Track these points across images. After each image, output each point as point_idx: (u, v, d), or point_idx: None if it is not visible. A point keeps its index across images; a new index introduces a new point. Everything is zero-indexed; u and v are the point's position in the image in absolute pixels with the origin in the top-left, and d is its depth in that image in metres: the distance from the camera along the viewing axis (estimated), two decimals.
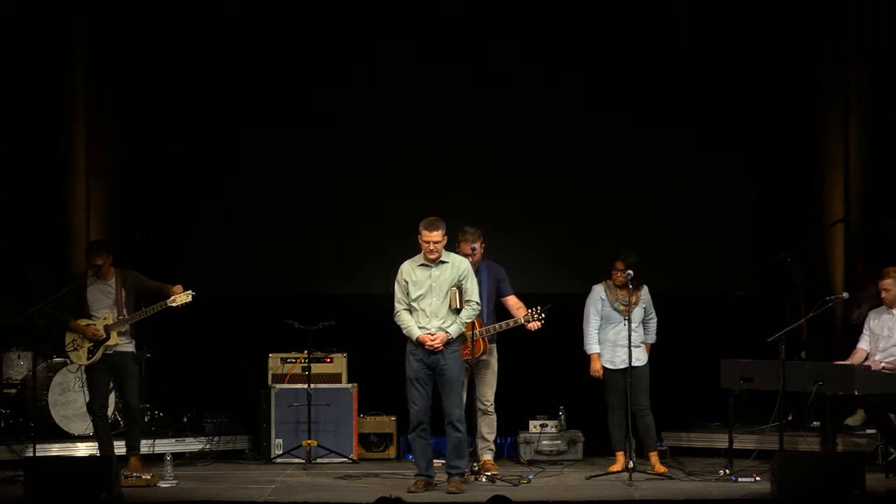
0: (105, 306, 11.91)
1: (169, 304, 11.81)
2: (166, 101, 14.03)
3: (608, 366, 12.08)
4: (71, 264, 13.78)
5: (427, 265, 11.33)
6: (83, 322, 11.89)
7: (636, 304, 12.04)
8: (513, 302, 12.18)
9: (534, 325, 11.99)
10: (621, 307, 12.02)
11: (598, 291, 12.14)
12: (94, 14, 14.00)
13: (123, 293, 11.91)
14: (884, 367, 11.64)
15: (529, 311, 11.98)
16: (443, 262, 11.33)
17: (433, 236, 11.24)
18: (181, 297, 11.79)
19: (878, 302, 12.12)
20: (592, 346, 12.11)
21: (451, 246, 11.71)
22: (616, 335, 12.05)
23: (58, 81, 13.97)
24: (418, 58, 13.93)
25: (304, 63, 13.97)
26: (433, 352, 11.22)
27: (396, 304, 11.38)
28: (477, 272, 11.81)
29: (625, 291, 12.02)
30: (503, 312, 12.19)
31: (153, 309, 11.87)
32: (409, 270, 11.37)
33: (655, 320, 12.23)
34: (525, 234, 13.79)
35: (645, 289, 12.16)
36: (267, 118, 13.98)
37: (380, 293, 12.17)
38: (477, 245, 11.97)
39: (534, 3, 13.98)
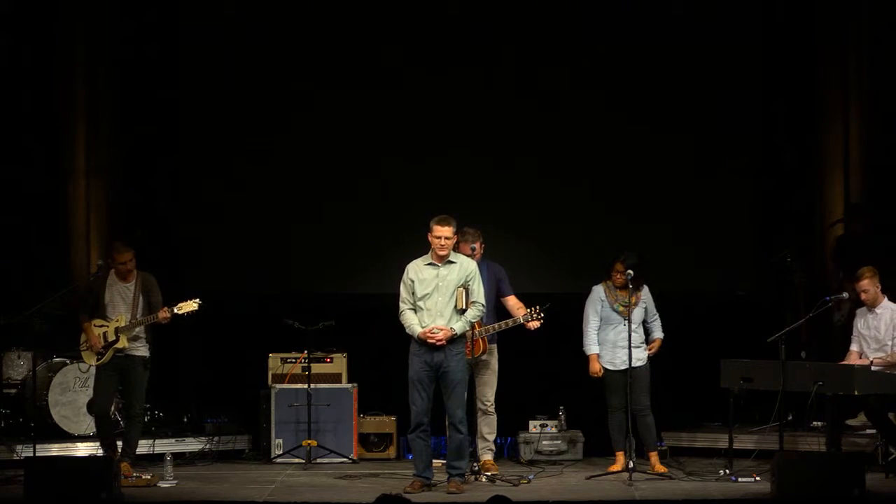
0: (121, 308, 11.93)
1: (175, 312, 11.83)
2: (167, 101, 14.03)
3: (608, 366, 12.08)
4: (71, 264, 13.80)
5: (434, 264, 11.30)
6: (97, 322, 11.91)
7: (636, 304, 12.03)
8: (513, 302, 12.18)
9: (533, 325, 11.98)
10: (620, 308, 12.01)
11: (598, 292, 12.13)
12: (94, 14, 14.00)
13: (140, 298, 11.93)
14: (873, 363, 11.66)
15: (529, 310, 11.98)
16: (450, 262, 11.31)
17: (444, 231, 11.21)
18: (187, 306, 11.81)
19: (859, 303, 12.11)
20: (591, 347, 12.11)
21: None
22: (616, 336, 12.04)
23: (58, 81, 13.97)
24: (418, 58, 13.93)
25: (304, 63, 13.97)
26: (437, 349, 11.20)
27: (401, 304, 11.35)
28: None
29: (624, 292, 12.00)
30: (503, 312, 12.19)
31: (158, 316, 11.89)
32: (416, 269, 11.34)
33: (659, 318, 12.21)
34: (525, 234, 13.78)
35: (645, 289, 12.15)
36: (267, 118, 13.98)
37: (380, 293, 12.18)
38: (476, 245, 11.97)
39: (534, 4, 13.98)
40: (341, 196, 13.93)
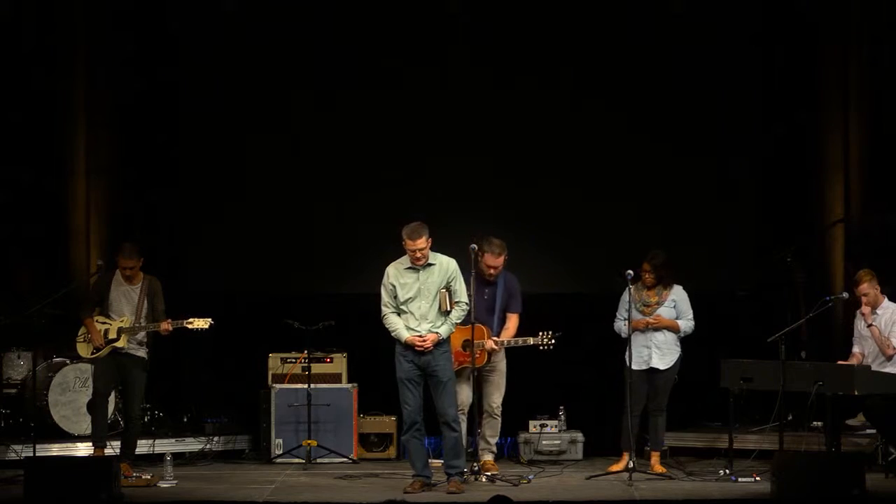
0: (125, 310, 11.95)
1: (185, 325, 11.87)
2: (167, 101, 14.03)
3: (632, 366, 12.01)
4: (71, 264, 13.80)
5: (414, 268, 11.27)
6: (100, 319, 11.93)
7: (659, 304, 12.00)
8: (512, 322, 12.11)
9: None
10: (643, 308, 11.99)
11: (626, 296, 12.05)
12: (94, 13, 14.00)
13: (145, 302, 11.95)
14: (870, 326, 11.70)
15: (541, 334, 11.92)
16: (430, 265, 11.28)
17: (417, 244, 11.15)
18: (199, 322, 11.89)
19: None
20: (623, 326, 12.01)
21: (465, 254, 11.65)
22: (641, 336, 11.99)
23: (57, 81, 13.97)
24: (418, 59, 13.93)
25: (304, 64, 13.97)
26: (423, 353, 11.20)
27: (383, 308, 11.33)
28: (494, 284, 11.81)
29: (651, 292, 11.99)
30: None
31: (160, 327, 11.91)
32: (396, 273, 11.31)
33: (692, 321, 12.15)
34: (526, 235, 13.72)
35: (677, 289, 12.08)
36: (267, 118, 13.98)
37: (379, 293, 12.16)
38: (501, 259, 11.95)
39: (533, 3, 13.98)
40: (341, 196, 13.92)
